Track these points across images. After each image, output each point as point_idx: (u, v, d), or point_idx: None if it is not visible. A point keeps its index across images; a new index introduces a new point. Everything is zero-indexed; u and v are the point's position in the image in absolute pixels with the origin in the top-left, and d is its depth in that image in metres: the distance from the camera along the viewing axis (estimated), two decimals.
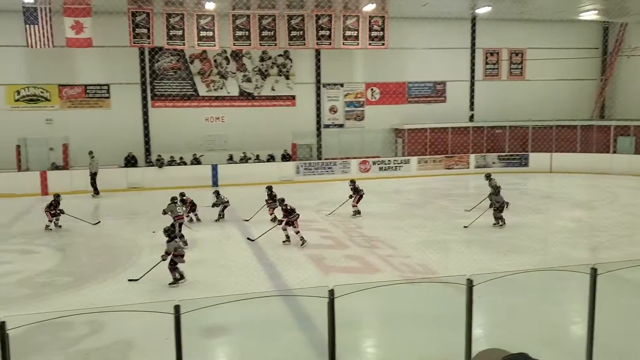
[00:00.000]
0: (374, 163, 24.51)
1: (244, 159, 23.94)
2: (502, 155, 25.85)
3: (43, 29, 20.10)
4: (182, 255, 9.95)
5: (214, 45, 22.11)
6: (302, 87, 25.41)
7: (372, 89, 26.26)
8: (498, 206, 14.11)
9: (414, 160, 24.94)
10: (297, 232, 12.58)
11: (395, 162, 24.88)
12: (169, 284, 9.73)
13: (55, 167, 21.80)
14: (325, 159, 25.04)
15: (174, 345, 4.21)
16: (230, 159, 23.89)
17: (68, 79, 22.85)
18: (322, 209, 17.01)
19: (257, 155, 24.24)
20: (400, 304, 8.60)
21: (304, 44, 22.89)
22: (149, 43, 21.54)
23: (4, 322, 3.53)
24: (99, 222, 15.45)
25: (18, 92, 22.43)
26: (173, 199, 13.38)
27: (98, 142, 22.65)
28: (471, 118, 27.02)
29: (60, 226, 14.48)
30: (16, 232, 14.30)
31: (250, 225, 14.82)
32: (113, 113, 23.28)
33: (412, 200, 19.39)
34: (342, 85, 25.94)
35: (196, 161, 23.29)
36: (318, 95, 25.65)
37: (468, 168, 25.37)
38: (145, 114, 23.71)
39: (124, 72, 23.29)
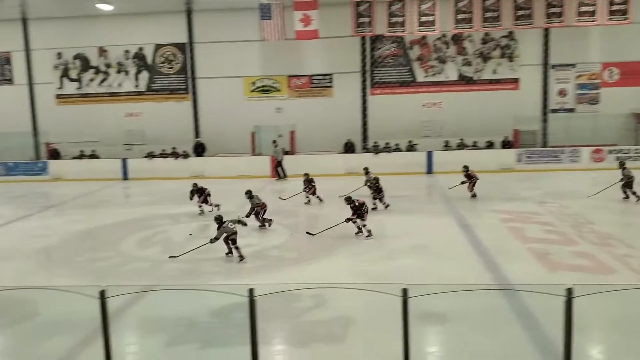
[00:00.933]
0: (609, 152, 21.98)
1: (461, 146, 23.30)
2: None
3: (276, 23, 21.83)
4: (235, 234, 10.71)
5: (434, 30, 21.80)
6: (526, 69, 23.80)
7: (610, 70, 23.52)
8: None
9: None
10: (364, 226, 12.20)
11: (636, 151, 21.99)
12: (225, 253, 10.86)
13: (284, 152, 23.62)
14: (552, 146, 23.15)
15: (387, 325, 4.18)
16: (447, 145, 23.45)
17: (296, 70, 24.55)
18: (546, 200, 15.78)
19: (475, 142, 23.40)
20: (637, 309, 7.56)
21: (531, 23, 21.34)
22: (371, 31, 22.07)
23: (252, 289, 3.83)
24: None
25: (253, 84, 24.77)
26: (249, 193, 13.58)
27: (320, 129, 24.06)
28: None
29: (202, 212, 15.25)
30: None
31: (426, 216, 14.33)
32: (334, 101, 24.44)
33: None
34: (573, 65, 23.69)
35: (411, 148, 23.33)
36: (545, 77, 23.80)
37: None
38: (364, 101, 24.44)
39: (346, 62, 24.24)
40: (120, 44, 25.00)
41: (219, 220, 10.88)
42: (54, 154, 24.80)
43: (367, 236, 12.20)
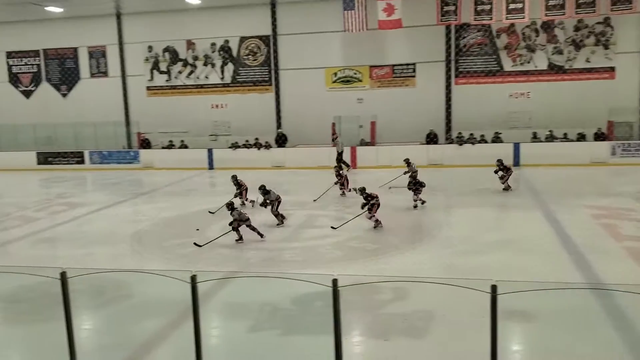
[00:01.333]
0: None
1: (550, 138, 22.27)
2: None
3: (359, 13, 21.74)
4: (248, 220, 11.48)
5: (523, 18, 20.95)
6: (624, 57, 22.35)
7: None
8: None
9: None
10: (371, 217, 12.23)
11: None
12: (236, 240, 11.38)
13: (363, 143, 23.58)
14: None
15: (470, 322, 4.04)
16: (535, 137, 22.49)
17: (378, 60, 24.35)
18: None
19: (565, 134, 22.29)
20: None
21: (631, 8, 20.02)
22: (456, 20, 21.51)
23: (336, 280, 3.83)
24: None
25: (335, 74, 24.81)
26: (263, 189, 13.22)
27: (402, 119, 23.76)
28: None
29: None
30: (331, 200, 15.86)
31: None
32: (417, 91, 24.05)
33: None
34: None
35: (497, 139, 22.57)
36: None
37: None
38: (448, 91, 23.88)
39: (429, 51, 23.77)
40: (207, 37, 25.76)
41: (230, 206, 11.52)
42: (145, 144, 26.01)
43: (374, 227, 12.25)
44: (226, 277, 8.92)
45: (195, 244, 11.40)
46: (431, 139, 23.14)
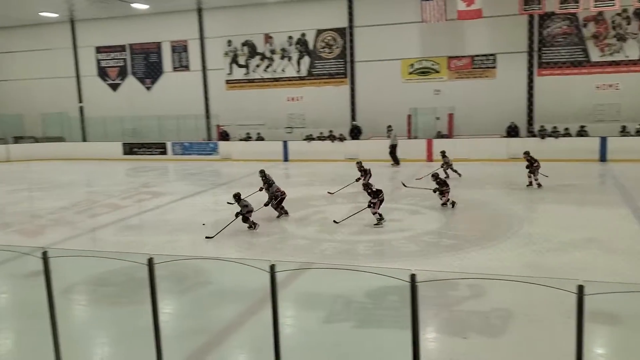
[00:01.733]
0: None
1: None
2: None
3: (437, 4, 21.29)
4: (251, 211, 12.06)
5: (613, 5, 19.80)
6: None
7: None
8: None
9: None
10: (374, 213, 12.01)
11: None
12: (248, 227, 11.80)
13: (440, 135, 23.14)
14: None
15: (551, 322, 3.86)
16: (623, 131, 21.27)
17: (456, 50, 23.78)
18: None
19: None
20: None
21: None
22: (540, 9, 20.64)
23: (414, 275, 3.77)
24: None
25: (412, 66, 24.46)
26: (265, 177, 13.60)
27: (481, 112, 23.15)
28: None
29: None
30: (406, 193, 15.68)
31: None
32: (497, 83, 23.31)
33: None
34: None
35: (582, 133, 21.52)
36: None
37: None
38: (530, 82, 22.99)
39: (511, 41, 22.96)
40: (284, 31, 26.08)
41: (237, 197, 12.06)
42: (224, 136, 26.72)
43: (375, 224, 12.01)
44: (303, 268, 9.02)
45: (207, 237, 11.65)
46: (512, 131, 22.37)
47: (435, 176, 13.73)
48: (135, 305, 8.06)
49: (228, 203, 13.12)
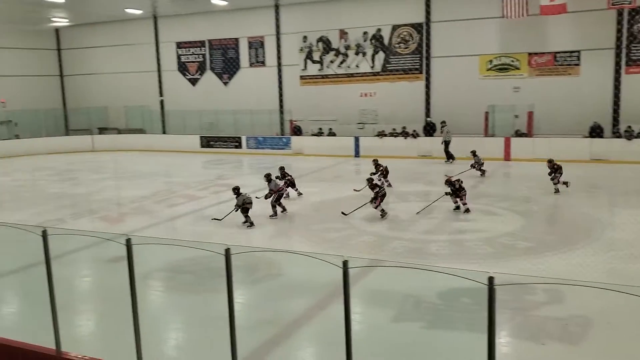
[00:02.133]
0: None
1: None
2: None
3: None
4: (250, 204, 12.45)
5: None
6: None
7: None
8: None
9: None
10: (376, 207, 12.61)
11: None
12: (243, 222, 12.30)
13: (519, 134, 22.36)
14: None
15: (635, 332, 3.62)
16: None
17: (537, 47, 22.85)
18: None
19: None
20: None
21: None
22: (630, 3, 19.51)
23: (492, 278, 3.66)
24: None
25: (490, 62, 23.75)
26: (268, 176, 13.87)
27: (562, 110, 22.18)
28: None
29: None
30: (481, 192, 15.28)
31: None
32: (581, 81, 22.22)
33: None
34: None
35: None
36: None
37: None
38: (617, 81, 21.74)
39: (596, 37, 21.79)
40: (360, 26, 25.98)
41: (236, 190, 12.53)
42: (296, 131, 27.01)
43: (381, 216, 12.60)
44: (376, 265, 8.97)
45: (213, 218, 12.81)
46: (595, 132, 21.30)
47: (449, 182, 13.24)
48: (209, 293, 8.30)
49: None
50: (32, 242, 5.64)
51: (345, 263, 4.11)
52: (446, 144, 21.62)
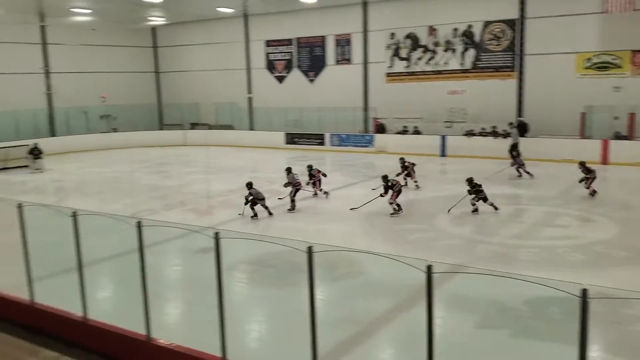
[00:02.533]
0: None
1: None
2: None
3: None
4: (264, 199, 13.06)
5: None
6: None
7: None
8: None
9: None
10: (391, 203, 12.81)
11: None
12: (251, 217, 13.00)
13: (618, 136, 21.03)
14: None
15: None
16: None
17: None
18: None
19: None
20: None
21: None
22: None
23: (585, 290, 3.46)
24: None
25: (588, 60, 22.48)
26: (289, 170, 14.80)
27: None
28: None
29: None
30: (577, 197, 14.51)
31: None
32: None
33: None
34: None
35: None
36: None
37: None
38: None
39: None
40: (450, 23, 25.38)
41: (249, 185, 13.04)
42: (380, 129, 26.82)
43: (391, 213, 12.80)
44: (460, 272, 8.71)
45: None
46: None
47: (469, 181, 13.23)
48: (290, 287, 8.42)
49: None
50: (125, 232, 5.93)
51: (429, 268, 4.01)
52: (513, 146, 20.51)
